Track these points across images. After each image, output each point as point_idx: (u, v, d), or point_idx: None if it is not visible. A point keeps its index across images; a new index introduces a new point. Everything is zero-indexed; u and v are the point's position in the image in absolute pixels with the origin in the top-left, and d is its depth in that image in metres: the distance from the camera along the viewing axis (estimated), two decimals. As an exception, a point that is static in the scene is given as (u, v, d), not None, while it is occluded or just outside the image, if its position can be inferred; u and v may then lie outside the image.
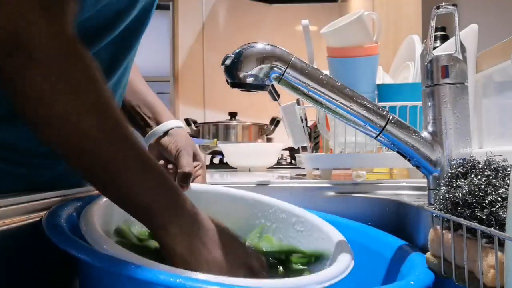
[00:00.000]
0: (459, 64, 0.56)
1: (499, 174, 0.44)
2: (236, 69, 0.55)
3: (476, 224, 0.40)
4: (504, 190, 0.42)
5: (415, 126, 0.76)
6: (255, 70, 0.55)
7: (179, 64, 3.78)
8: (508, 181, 0.42)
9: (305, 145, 1.19)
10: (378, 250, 0.67)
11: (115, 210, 0.58)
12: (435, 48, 1.13)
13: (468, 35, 0.95)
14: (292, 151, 2.29)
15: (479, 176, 0.44)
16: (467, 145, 0.56)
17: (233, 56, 0.55)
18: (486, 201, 0.42)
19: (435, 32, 1.18)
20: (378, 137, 0.56)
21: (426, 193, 0.59)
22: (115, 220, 0.58)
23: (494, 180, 0.43)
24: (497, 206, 0.41)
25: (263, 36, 3.58)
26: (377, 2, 2.39)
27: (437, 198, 0.48)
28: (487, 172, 0.44)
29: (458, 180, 0.47)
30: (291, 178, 1.16)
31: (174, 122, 0.83)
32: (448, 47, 0.92)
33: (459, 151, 0.56)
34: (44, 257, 0.55)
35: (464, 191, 0.44)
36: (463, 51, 0.56)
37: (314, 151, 1.31)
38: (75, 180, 0.72)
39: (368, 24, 0.99)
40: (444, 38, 1.27)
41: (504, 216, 0.40)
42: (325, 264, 0.58)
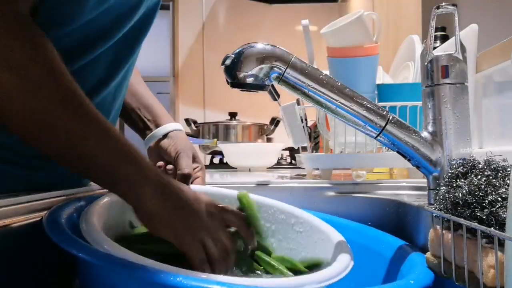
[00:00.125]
0: (459, 64, 0.56)
1: (499, 174, 0.44)
2: (236, 69, 0.55)
3: (476, 224, 0.40)
4: (504, 190, 0.42)
5: (415, 126, 0.76)
6: (255, 70, 0.55)
7: (179, 64, 3.79)
8: (508, 181, 0.42)
9: (305, 145, 1.19)
10: (377, 250, 0.67)
11: (116, 210, 0.58)
12: (435, 48, 1.13)
13: (468, 35, 0.95)
14: (292, 151, 2.29)
15: (479, 176, 0.44)
16: (467, 145, 0.56)
17: (233, 56, 0.55)
18: (486, 201, 0.41)
19: (435, 32, 1.18)
20: (378, 137, 0.56)
21: (426, 193, 0.59)
22: (116, 220, 0.58)
23: (494, 180, 0.43)
24: (497, 206, 0.41)
25: (263, 36, 3.58)
26: (377, 2, 2.39)
27: (437, 198, 0.48)
28: (487, 172, 0.44)
29: (458, 180, 0.47)
30: (291, 178, 1.16)
31: (174, 125, 0.83)
32: (448, 47, 0.92)
33: (459, 151, 0.56)
34: (44, 257, 0.55)
35: (464, 191, 0.44)
36: (463, 51, 0.56)
37: (314, 151, 1.31)
38: (75, 180, 0.72)
39: (368, 24, 0.99)
40: (444, 38, 1.27)
41: (504, 216, 0.40)
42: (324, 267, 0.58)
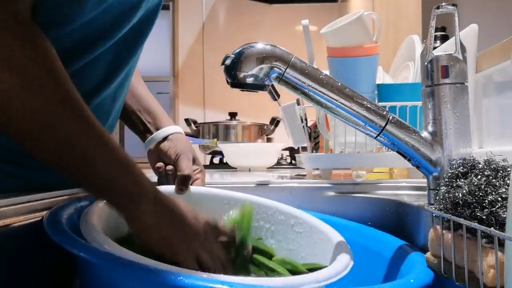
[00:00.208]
0: (459, 64, 0.56)
1: (499, 174, 0.44)
2: (236, 69, 0.55)
3: (476, 224, 0.40)
4: (504, 190, 0.42)
5: (415, 126, 0.76)
6: (255, 70, 0.55)
7: (179, 64, 3.79)
8: (508, 181, 0.42)
9: (305, 145, 1.19)
10: (377, 250, 0.67)
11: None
12: (435, 48, 1.13)
13: (468, 35, 0.95)
14: (292, 151, 2.29)
15: (479, 176, 0.44)
16: (467, 145, 0.56)
17: (233, 56, 0.55)
18: (486, 201, 0.41)
19: (435, 32, 1.18)
20: (378, 137, 0.56)
21: (426, 193, 0.59)
22: (116, 221, 0.58)
23: (494, 180, 0.43)
24: (497, 206, 0.41)
25: (263, 36, 3.58)
26: (377, 2, 2.39)
27: (437, 198, 0.48)
28: (487, 172, 0.44)
29: (458, 180, 0.47)
30: (291, 178, 1.16)
31: (174, 127, 0.83)
32: (448, 47, 0.92)
33: (459, 151, 0.56)
34: (44, 257, 0.55)
35: (464, 191, 0.44)
36: (463, 51, 0.56)
37: (314, 151, 1.31)
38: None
39: (368, 24, 0.99)
40: (444, 38, 1.27)
41: (504, 216, 0.40)
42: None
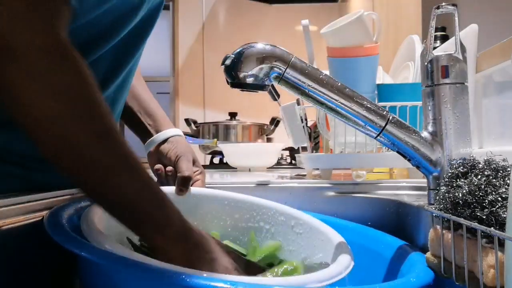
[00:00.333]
0: (459, 64, 0.56)
1: (499, 174, 0.44)
2: (236, 69, 0.55)
3: (476, 224, 0.40)
4: (504, 190, 0.42)
5: (415, 126, 0.76)
6: (255, 70, 0.55)
7: (179, 64, 3.79)
8: (508, 181, 0.42)
9: (305, 145, 1.19)
10: (377, 250, 0.67)
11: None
12: (435, 48, 1.13)
13: (468, 35, 0.95)
14: (292, 151, 2.29)
15: (479, 176, 0.44)
16: (467, 145, 0.56)
17: (233, 56, 0.55)
18: (486, 201, 0.41)
19: (435, 32, 1.18)
20: (378, 137, 0.56)
21: (426, 193, 0.59)
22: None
23: (494, 180, 0.43)
24: (497, 206, 0.41)
25: (263, 36, 3.58)
26: (377, 2, 2.39)
27: (437, 198, 0.48)
28: (487, 172, 0.44)
29: (458, 180, 0.47)
30: (291, 178, 1.16)
31: (174, 130, 0.83)
32: (448, 47, 0.92)
33: (459, 151, 0.56)
34: (44, 257, 0.55)
35: (464, 191, 0.44)
36: (463, 51, 0.56)
37: (314, 151, 1.31)
38: None
39: (368, 24, 0.99)
40: (444, 38, 1.27)
41: (504, 216, 0.40)
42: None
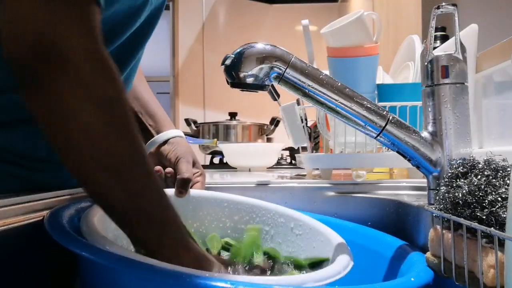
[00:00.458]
0: (459, 64, 0.56)
1: (499, 174, 0.44)
2: (236, 69, 0.55)
3: (476, 224, 0.40)
4: (504, 190, 0.42)
5: (415, 126, 0.76)
6: (255, 70, 0.55)
7: (179, 64, 3.79)
8: (508, 181, 0.42)
9: (305, 145, 1.19)
10: (377, 250, 0.67)
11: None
12: (435, 48, 1.13)
13: (468, 35, 0.95)
14: (292, 151, 2.29)
15: (479, 176, 0.44)
16: (467, 145, 0.56)
17: (233, 56, 0.55)
18: (486, 201, 0.41)
19: (435, 32, 1.18)
20: (378, 137, 0.56)
21: (426, 193, 0.59)
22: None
23: (494, 180, 0.43)
24: (497, 206, 0.41)
25: (263, 36, 3.59)
26: (377, 2, 2.38)
27: (437, 198, 0.48)
28: (487, 172, 0.44)
29: (458, 180, 0.47)
30: (291, 178, 1.16)
31: (174, 131, 0.83)
32: (448, 47, 0.92)
33: (459, 151, 0.56)
34: (44, 257, 0.55)
35: (464, 191, 0.44)
36: (463, 51, 0.56)
37: (314, 151, 1.31)
38: (76, 182, 0.72)
39: (368, 24, 0.99)
40: (444, 38, 1.27)
41: (504, 216, 0.40)
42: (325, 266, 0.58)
